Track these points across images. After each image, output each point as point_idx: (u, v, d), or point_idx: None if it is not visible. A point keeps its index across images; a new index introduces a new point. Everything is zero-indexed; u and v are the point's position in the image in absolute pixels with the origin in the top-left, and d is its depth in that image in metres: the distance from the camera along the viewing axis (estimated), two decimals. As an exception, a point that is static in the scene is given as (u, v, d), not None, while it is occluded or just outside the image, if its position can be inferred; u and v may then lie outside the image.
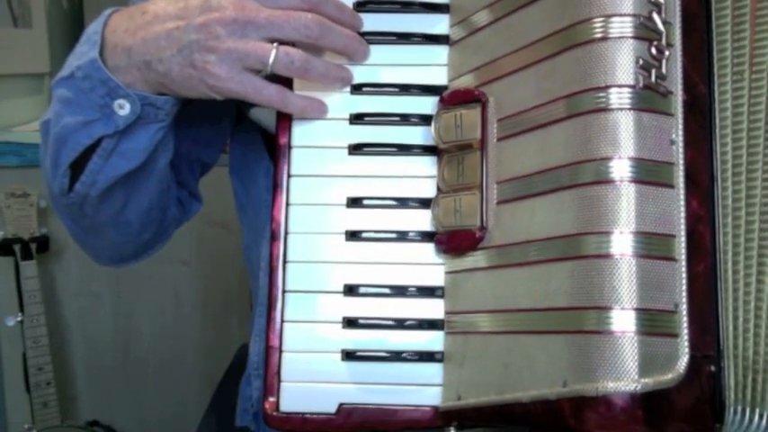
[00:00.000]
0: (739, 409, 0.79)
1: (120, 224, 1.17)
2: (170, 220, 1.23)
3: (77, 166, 1.03)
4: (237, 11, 0.92)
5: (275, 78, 0.95)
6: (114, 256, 1.28)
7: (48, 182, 1.10)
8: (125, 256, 1.27)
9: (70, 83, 1.00)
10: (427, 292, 0.94)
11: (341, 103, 0.98)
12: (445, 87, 0.96)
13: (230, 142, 1.28)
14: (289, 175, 0.97)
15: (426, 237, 0.94)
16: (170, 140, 1.07)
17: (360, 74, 0.98)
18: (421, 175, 0.96)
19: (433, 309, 0.94)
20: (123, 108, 0.97)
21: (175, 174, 1.19)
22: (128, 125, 0.99)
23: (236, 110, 1.20)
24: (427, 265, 0.94)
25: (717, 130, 0.81)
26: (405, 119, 0.97)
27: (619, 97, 0.78)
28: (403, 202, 0.95)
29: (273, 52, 0.92)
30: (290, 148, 0.97)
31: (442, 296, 0.94)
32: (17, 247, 2.63)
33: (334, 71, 0.96)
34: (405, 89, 0.97)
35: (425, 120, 0.96)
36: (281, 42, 0.93)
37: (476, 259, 0.89)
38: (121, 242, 1.23)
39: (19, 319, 2.62)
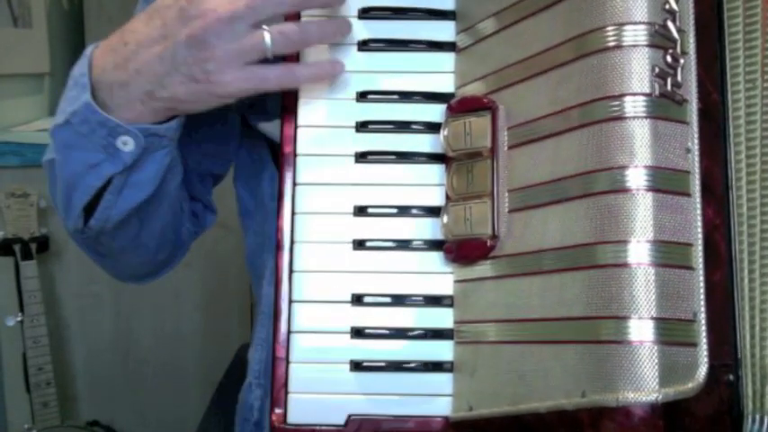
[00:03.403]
0: (757, 417, 0.78)
1: (137, 248, 1.16)
2: (186, 236, 1.22)
3: (89, 203, 1.02)
4: (219, 9, 0.90)
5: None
6: (134, 275, 1.28)
7: (61, 218, 1.09)
8: (144, 274, 1.27)
9: (68, 129, 0.98)
10: (434, 301, 0.93)
11: (346, 110, 0.97)
12: (452, 95, 0.96)
13: (235, 149, 1.27)
14: (294, 184, 0.96)
15: (434, 245, 0.94)
16: (177, 162, 1.06)
17: (365, 81, 0.97)
18: (428, 183, 0.95)
19: (441, 318, 0.93)
20: (127, 144, 0.96)
21: (188, 188, 1.18)
22: (135, 159, 0.97)
23: (242, 118, 1.19)
24: (435, 274, 0.94)
25: (730, 139, 0.80)
26: (411, 126, 0.96)
27: (633, 106, 0.77)
28: (410, 211, 0.95)
29: (267, 37, 0.90)
30: (295, 156, 0.96)
31: (449, 305, 0.93)
32: (17, 247, 2.63)
33: (330, 27, 0.95)
34: (411, 96, 0.96)
35: (432, 127, 0.95)
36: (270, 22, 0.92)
37: (486, 268, 0.89)
38: (139, 263, 1.22)
39: (19, 319, 2.62)
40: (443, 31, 0.97)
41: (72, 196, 1.02)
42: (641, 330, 0.75)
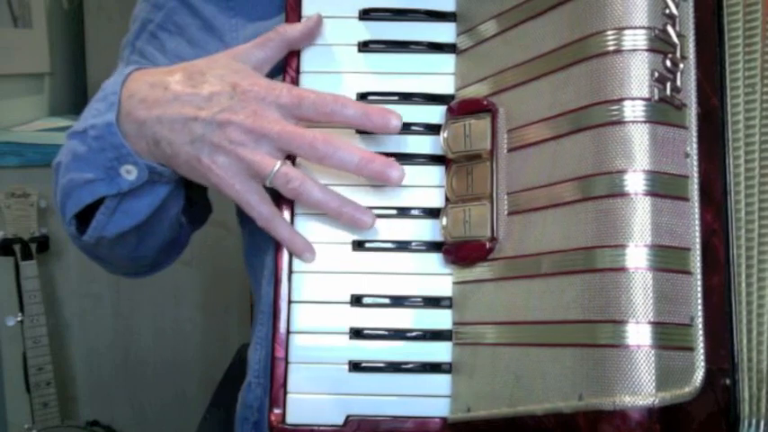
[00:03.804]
0: (753, 422, 0.79)
1: (135, 259, 1.18)
2: (184, 239, 1.23)
3: (86, 215, 1.04)
4: (256, 120, 0.92)
5: None
6: (129, 273, 1.29)
7: (61, 220, 1.10)
8: (139, 274, 1.28)
9: (82, 138, 0.99)
10: (433, 302, 0.93)
11: None
12: (452, 97, 0.96)
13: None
14: None
15: (433, 247, 0.94)
16: (180, 191, 1.08)
17: (365, 82, 0.97)
18: (428, 185, 0.95)
19: (440, 319, 0.93)
20: (130, 173, 0.97)
21: (186, 191, 1.19)
22: (131, 189, 0.99)
23: None
24: (434, 276, 0.94)
25: (730, 143, 0.80)
26: (411, 128, 0.96)
27: (632, 110, 0.77)
28: (409, 212, 0.95)
29: (274, 169, 0.92)
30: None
31: (448, 306, 0.93)
32: (17, 247, 2.63)
33: (333, 203, 0.94)
34: (411, 98, 0.96)
35: (432, 129, 0.95)
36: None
37: (485, 270, 0.89)
38: (135, 267, 1.25)
39: (19, 319, 2.62)
40: (444, 32, 0.98)
41: (65, 204, 1.04)
42: (638, 334, 0.75)
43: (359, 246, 0.95)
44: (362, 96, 0.96)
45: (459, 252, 0.91)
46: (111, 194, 0.99)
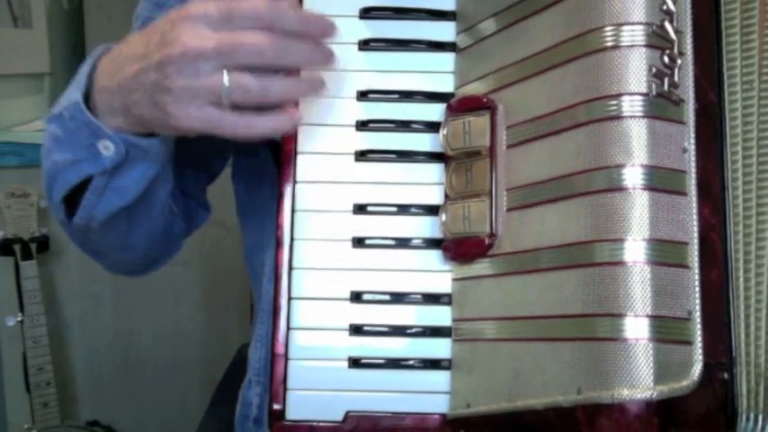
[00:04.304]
0: (752, 416, 0.79)
1: (125, 249, 1.18)
2: (177, 234, 1.23)
3: (75, 199, 1.03)
4: (188, 43, 0.87)
5: None
6: (125, 270, 1.29)
7: (50, 208, 1.10)
8: (135, 270, 1.28)
9: (59, 122, 1.00)
10: (433, 299, 0.93)
11: (347, 109, 0.97)
12: (452, 95, 0.96)
13: (234, 147, 1.27)
14: (294, 182, 0.96)
15: (433, 244, 0.94)
16: (168, 173, 1.07)
17: (365, 80, 0.97)
18: (428, 182, 0.95)
19: (439, 316, 0.93)
20: (108, 149, 0.96)
21: (181, 185, 1.19)
22: (115, 165, 0.98)
23: None
24: (434, 272, 0.94)
25: (727, 139, 0.81)
26: (411, 125, 0.96)
27: (631, 105, 0.78)
28: (409, 209, 0.95)
29: (225, 84, 0.87)
30: (295, 154, 0.96)
31: (447, 303, 0.93)
32: (17, 247, 2.63)
33: (297, 87, 0.92)
34: (411, 96, 0.97)
35: (432, 126, 0.95)
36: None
37: (484, 266, 0.89)
38: (130, 260, 1.24)
39: (19, 319, 2.63)
40: (444, 31, 0.98)
41: (52, 188, 1.04)
42: (636, 328, 0.75)
43: (359, 242, 0.95)
44: (363, 94, 0.97)
45: (458, 248, 0.92)
46: (97, 173, 0.99)
